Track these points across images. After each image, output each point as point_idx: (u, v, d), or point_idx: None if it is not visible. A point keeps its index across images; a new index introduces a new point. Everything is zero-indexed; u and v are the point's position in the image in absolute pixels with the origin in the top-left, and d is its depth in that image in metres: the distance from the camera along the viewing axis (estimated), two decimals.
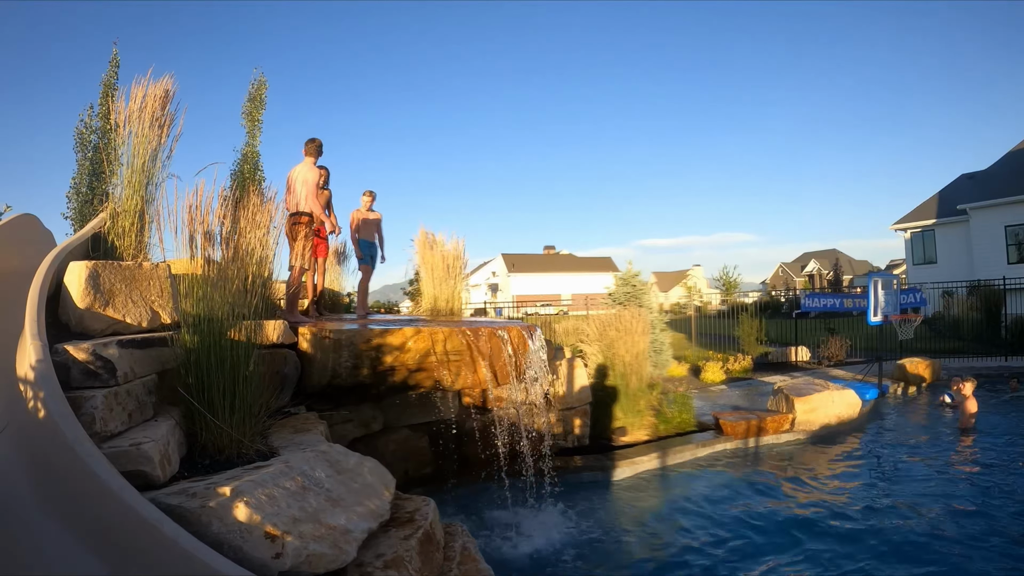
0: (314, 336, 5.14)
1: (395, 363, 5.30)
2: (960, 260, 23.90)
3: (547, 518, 5.41)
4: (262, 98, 10.21)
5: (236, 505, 2.43)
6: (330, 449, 3.43)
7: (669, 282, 74.03)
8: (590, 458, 6.86)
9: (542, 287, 62.81)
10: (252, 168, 10.01)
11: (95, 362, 3.02)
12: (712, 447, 7.39)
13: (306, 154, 6.34)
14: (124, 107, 4.17)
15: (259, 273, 3.96)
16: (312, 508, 2.67)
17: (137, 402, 3.22)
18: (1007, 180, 23.33)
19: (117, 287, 3.77)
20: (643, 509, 5.75)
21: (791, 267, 69.42)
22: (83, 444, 2.50)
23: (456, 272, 8.41)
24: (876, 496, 5.72)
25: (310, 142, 6.37)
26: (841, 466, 6.79)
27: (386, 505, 3.15)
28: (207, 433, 3.39)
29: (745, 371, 13.62)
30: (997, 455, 6.85)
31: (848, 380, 11.24)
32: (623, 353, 7.85)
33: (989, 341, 15.70)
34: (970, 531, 4.79)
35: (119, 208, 4.28)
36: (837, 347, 14.84)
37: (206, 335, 3.48)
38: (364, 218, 8.02)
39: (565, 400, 7.12)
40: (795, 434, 7.96)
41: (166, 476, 2.85)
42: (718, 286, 46.09)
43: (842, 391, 8.74)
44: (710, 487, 6.18)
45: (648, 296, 13.44)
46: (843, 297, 14.07)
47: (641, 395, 7.86)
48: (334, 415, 5.27)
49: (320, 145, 6.42)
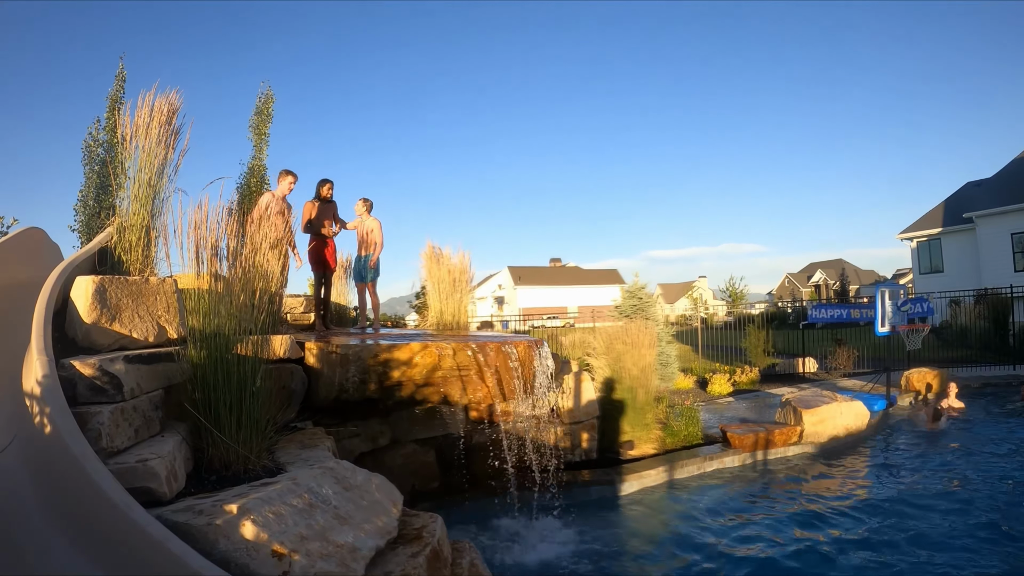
0: (321, 351, 5.13)
1: (402, 378, 5.28)
2: (967, 268, 23.80)
3: (555, 533, 5.36)
4: (269, 112, 10.27)
5: (243, 523, 2.41)
6: (337, 465, 3.40)
7: (675, 293, 73.88)
8: (598, 472, 6.81)
9: (548, 300, 62.64)
10: (259, 182, 10.05)
11: (102, 377, 3.00)
12: (720, 460, 7.33)
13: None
14: (130, 121, 4.18)
15: (266, 288, 3.95)
16: (319, 526, 2.65)
17: (143, 418, 3.20)
18: (1013, 187, 23.24)
19: (124, 302, 3.76)
20: (651, 524, 5.70)
21: (797, 277, 69.14)
22: (89, 460, 2.48)
23: (462, 286, 8.41)
24: (884, 510, 5.64)
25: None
26: (849, 479, 6.72)
27: (394, 522, 3.12)
28: (214, 449, 3.37)
29: (752, 383, 13.55)
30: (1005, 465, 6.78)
31: (856, 391, 11.16)
32: (630, 366, 7.81)
33: (997, 349, 15.59)
34: (985, 543, 4.73)
35: (126, 222, 4.28)
36: (844, 358, 14.75)
37: (213, 350, 3.47)
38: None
39: (572, 414, 7.08)
40: (803, 446, 7.89)
41: (172, 493, 2.83)
42: (724, 297, 45.91)
43: (850, 402, 8.67)
44: (717, 501, 6.12)
45: (654, 308, 13.40)
46: (850, 307, 13.96)
47: (648, 408, 7.81)
48: (341, 430, 5.24)
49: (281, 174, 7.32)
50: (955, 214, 25.00)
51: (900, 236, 27.80)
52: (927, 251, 26.65)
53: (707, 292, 68.23)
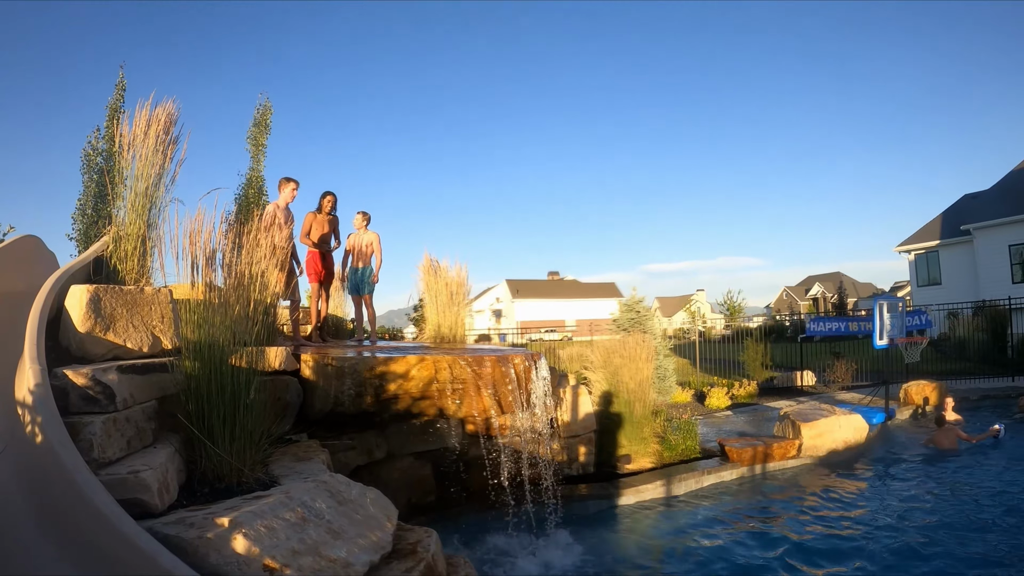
0: (317, 363, 5.09)
1: (399, 391, 5.24)
2: (965, 281, 23.81)
3: (552, 548, 5.30)
4: (267, 123, 10.30)
5: (235, 537, 2.37)
6: (331, 479, 3.37)
7: (672, 307, 73.81)
8: (595, 486, 6.76)
9: (546, 313, 62.54)
10: (256, 193, 10.07)
11: (94, 387, 2.97)
12: (717, 474, 7.28)
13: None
14: (128, 130, 4.18)
15: (261, 299, 3.93)
16: (312, 540, 2.61)
17: (136, 428, 3.17)
18: (1010, 199, 23.27)
19: (118, 311, 3.74)
20: (649, 539, 5.64)
21: (795, 290, 69.17)
22: (80, 471, 2.45)
23: (460, 299, 8.38)
24: (883, 525, 5.59)
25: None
26: (848, 494, 6.66)
27: (388, 537, 3.08)
28: (207, 461, 3.33)
29: (750, 396, 13.51)
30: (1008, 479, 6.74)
31: (855, 404, 11.12)
32: (627, 380, 7.78)
33: (995, 361, 15.60)
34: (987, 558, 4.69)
35: (122, 232, 4.27)
36: (843, 371, 14.75)
37: (207, 361, 3.44)
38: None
39: (570, 428, 7.04)
40: (802, 460, 7.85)
41: (164, 505, 2.80)
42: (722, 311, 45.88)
43: (848, 415, 8.63)
44: (716, 516, 6.07)
45: (652, 322, 13.39)
46: (848, 320, 13.99)
47: (646, 422, 7.77)
48: (336, 443, 5.19)
49: (281, 182, 7.26)
50: (953, 226, 25.03)
51: (898, 249, 27.84)
52: (925, 263, 26.66)
53: (705, 306, 68.17)
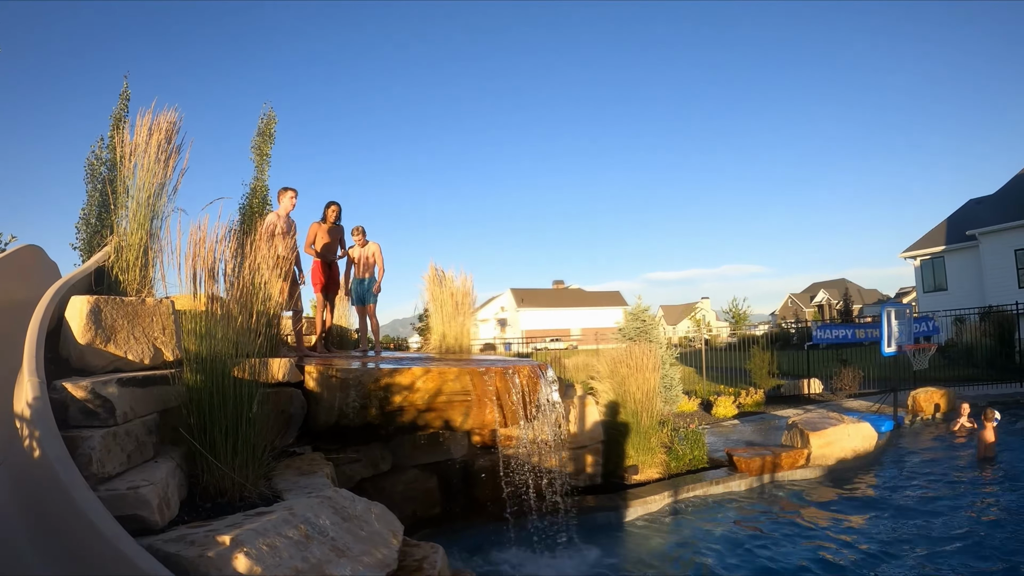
0: (321, 375, 5.04)
1: (404, 403, 5.18)
2: (971, 286, 23.65)
3: (559, 561, 5.22)
4: (271, 133, 10.30)
5: (236, 556, 2.31)
6: (336, 494, 3.30)
7: (677, 315, 73.66)
8: (603, 497, 6.68)
9: (551, 322, 62.33)
10: (260, 203, 10.05)
11: (94, 401, 2.92)
12: (726, 484, 7.19)
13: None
14: (130, 139, 4.14)
15: (264, 310, 3.88)
16: (315, 559, 2.54)
17: (136, 442, 3.11)
18: (1016, 204, 23.12)
19: (119, 323, 3.69)
20: (657, 551, 5.55)
21: (800, 298, 68.93)
22: (78, 488, 2.39)
23: (465, 309, 8.33)
24: (895, 535, 5.49)
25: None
26: (858, 503, 6.55)
27: (394, 554, 3.00)
28: (209, 475, 3.27)
29: (757, 405, 13.40)
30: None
31: (863, 412, 11.03)
32: (634, 390, 7.70)
33: (1003, 367, 15.45)
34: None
35: (123, 242, 4.22)
36: (850, 378, 14.62)
37: (209, 373, 3.39)
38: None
39: (577, 438, 6.96)
40: (811, 469, 7.75)
41: (164, 521, 2.73)
42: (727, 318, 45.76)
43: (857, 424, 8.54)
44: (724, 527, 5.98)
45: (657, 330, 13.33)
46: (855, 327, 13.91)
47: (653, 432, 7.69)
48: (341, 455, 5.13)
49: (281, 191, 7.22)
50: (958, 232, 24.89)
51: (903, 255, 27.72)
52: (930, 269, 26.51)
53: (710, 313, 68.03)
